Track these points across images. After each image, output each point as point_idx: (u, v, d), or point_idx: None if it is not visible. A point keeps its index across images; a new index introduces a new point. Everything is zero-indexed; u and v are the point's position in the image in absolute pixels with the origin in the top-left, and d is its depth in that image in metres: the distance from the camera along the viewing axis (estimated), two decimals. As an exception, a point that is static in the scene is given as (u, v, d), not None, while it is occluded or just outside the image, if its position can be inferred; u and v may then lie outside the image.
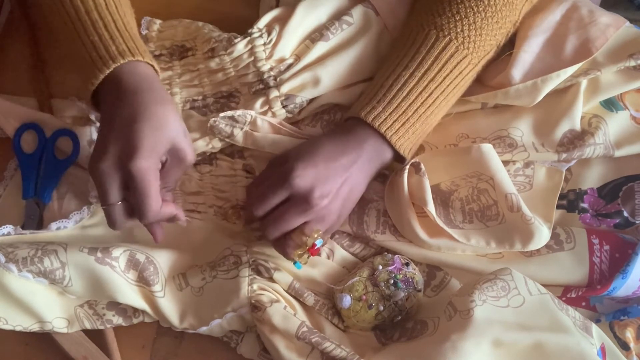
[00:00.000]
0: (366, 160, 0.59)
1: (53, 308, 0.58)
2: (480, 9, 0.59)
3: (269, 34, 0.64)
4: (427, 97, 0.59)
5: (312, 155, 0.56)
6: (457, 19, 0.59)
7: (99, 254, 0.57)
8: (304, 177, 0.55)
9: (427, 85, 0.59)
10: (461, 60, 0.59)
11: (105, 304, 0.59)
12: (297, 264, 0.57)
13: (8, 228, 0.59)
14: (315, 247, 0.56)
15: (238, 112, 0.62)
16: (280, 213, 0.56)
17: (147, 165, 0.51)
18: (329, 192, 0.56)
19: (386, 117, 0.58)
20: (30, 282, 0.56)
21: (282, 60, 0.64)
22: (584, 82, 0.61)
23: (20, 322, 0.57)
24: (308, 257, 0.57)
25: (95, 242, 0.59)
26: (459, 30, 0.59)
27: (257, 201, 0.57)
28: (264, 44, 0.64)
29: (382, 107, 0.58)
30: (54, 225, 0.60)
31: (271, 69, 0.63)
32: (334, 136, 0.59)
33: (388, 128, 0.58)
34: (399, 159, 0.61)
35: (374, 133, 0.59)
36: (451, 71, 0.59)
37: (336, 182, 0.56)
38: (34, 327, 0.58)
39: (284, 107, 0.63)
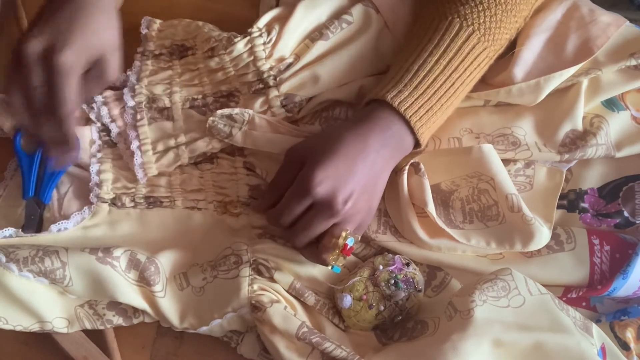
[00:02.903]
0: (389, 148, 0.57)
1: (53, 308, 0.58)
2: (502, 0, 0.58)
3: (268, 34, 0.64)
4: (450, 86, 0.58)
5: (332, 154, 0.54)
6: (480, 9, 0.58)
7: (100, 254, 0.56)
8: (324, 184, 0.53)
9: (450, 74, 0.57)
10: (481, 52, 0.58)
11: (105, 304, 0.59)
12: (335, 267, 0.56)
13: (10, 231, 0.59)
14: (348, 247, 0.55)
15: (235, 111, 0.61)
16: (306, 222, 0.55)
17: (73, 61, 0.51)
18: (351, 193, 0.54)
19: (412, 102, 0.56)
20: (31, 281, 0.56)
21: (281, 59, 0.64)
22: (585, 82, 0.61)
23: (20, 322, 0.57)
24: (344, 258, 0.56)
25: (96, 244, 0.59)
26: (481, 21, 0.58)
27: (283, 212, 0.56)
28: (264, 44, 0.64)
29: (409, 91, 0.57)
30: (54, 228, 0.60)
31: (271, 68, 0.63)
32: (354, 126, 0.57)
33: (414, 114, 0.56)
34: (414, 147, 0.60)
35: (398, 118, 0.57)
36: (472, 62, 0.58)
37: (359, 178, 0.55)
38: (34, 327, 0.58)
39: (283, 106, 0.63)
